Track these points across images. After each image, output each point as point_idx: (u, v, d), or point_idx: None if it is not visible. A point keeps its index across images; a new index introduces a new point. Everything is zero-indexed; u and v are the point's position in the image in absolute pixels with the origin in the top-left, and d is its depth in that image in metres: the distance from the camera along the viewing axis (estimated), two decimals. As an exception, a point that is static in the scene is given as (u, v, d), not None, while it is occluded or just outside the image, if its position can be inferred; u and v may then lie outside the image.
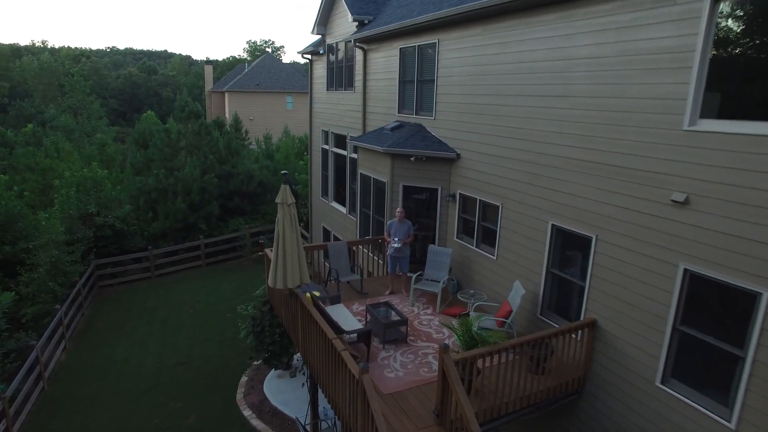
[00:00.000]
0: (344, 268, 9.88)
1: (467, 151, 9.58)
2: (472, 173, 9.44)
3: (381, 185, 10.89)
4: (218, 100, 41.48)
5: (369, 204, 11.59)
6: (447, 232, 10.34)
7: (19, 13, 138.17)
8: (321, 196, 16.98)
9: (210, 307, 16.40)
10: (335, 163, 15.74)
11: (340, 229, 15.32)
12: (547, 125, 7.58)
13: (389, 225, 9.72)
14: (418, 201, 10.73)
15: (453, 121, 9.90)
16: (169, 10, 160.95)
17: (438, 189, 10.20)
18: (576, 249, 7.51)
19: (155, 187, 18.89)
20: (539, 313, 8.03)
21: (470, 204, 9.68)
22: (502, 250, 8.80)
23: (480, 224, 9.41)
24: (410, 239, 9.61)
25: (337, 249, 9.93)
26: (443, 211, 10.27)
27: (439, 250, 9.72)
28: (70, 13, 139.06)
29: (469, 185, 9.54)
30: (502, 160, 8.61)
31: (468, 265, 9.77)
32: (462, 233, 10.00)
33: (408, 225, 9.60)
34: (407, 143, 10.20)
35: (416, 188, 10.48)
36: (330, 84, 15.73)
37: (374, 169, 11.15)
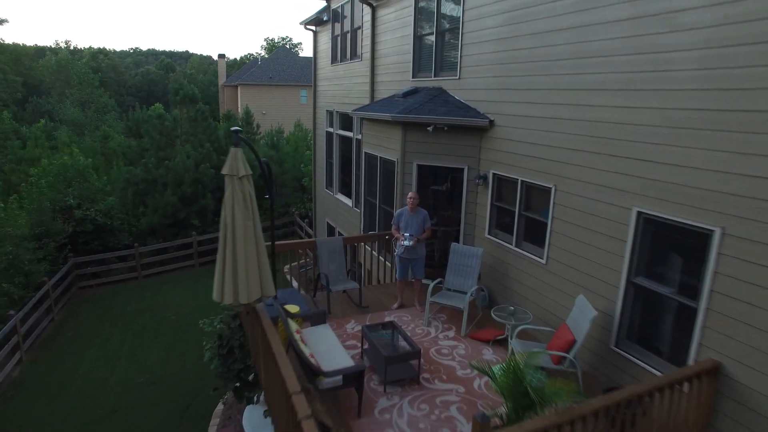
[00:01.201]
0: (337, 272, 7.33)
1: (504, 116, 6.93)
2: (511, 145, 6.78)
3: (390, 166, 8.32)
4: (231, 94, 39.46)
5: (375, 191, 9.02)
6: (475, 226, 7.69)
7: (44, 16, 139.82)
8: (325, 187, 14.48)
9: (196, 312, 13.96)
10: (341, 148, 13.22)
11: (345, 224, 12.77)
12: (638, 62, 4.91)
13: (398, 215, 7.14)
14: (438, 185, 8.12)
15: (484, 79, 7.26)
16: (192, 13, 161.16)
17: (464, 169, 7.57)
18: (680, 249, 4.81)
19: (143, 177, 16.67)
20: (613, 344, 5.34)
21: (508, 188, 7.03)
22: (556, 251, 6.13)
23: (522, 215, 6.75)
24: (426, 235, 7.02)
25: (328, 247, 7.39)
26: (470, 198, 7.63)
27: (465, 251, 7.09)
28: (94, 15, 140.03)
29: (507, 162, 6.89)
30: (557, 123, 5.95)
31: (504, 272, 7.11)
32: (496, 228, 7.35)
33: (423, 216, 7.01)
34: (423, 109, 7.60)
35: (435, 168, 7.87)
36: (334, 56, 13.22)
37: (381, 145, 8.58)
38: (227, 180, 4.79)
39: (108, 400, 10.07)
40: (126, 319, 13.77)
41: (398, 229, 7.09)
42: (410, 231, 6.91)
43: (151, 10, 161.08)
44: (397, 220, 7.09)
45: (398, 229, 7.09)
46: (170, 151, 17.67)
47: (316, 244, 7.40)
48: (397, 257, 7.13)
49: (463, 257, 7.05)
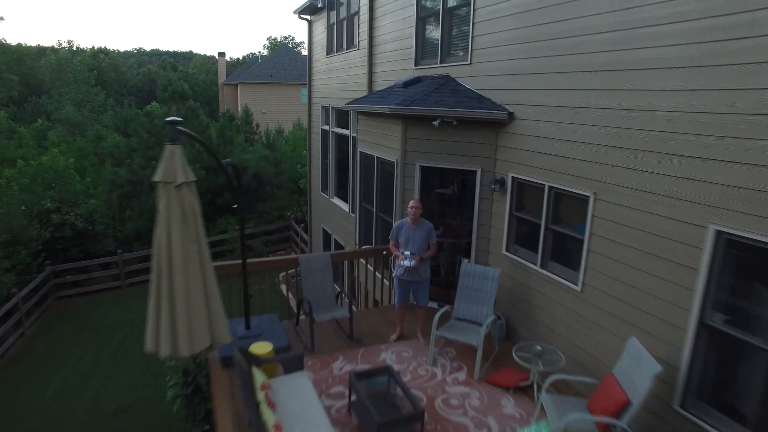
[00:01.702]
0: (324, 297, 6.03)
1: (526, 107, 5.61)
2: (536, 143, 5.46)
3: (389, 168, 7.02)
4: (231, 93, 38.27)
5: (372, 198, 7.73)
6: (490, 240, 6.38)
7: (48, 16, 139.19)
8: (321, 190, 13.19)
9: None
10: (337, 147, 11.93)
11: (342, 231, 11.48)
12: (717, 27, 3.59)
13: (397, 229, 5.83)
14: (445, 191, 6.82)
15: (500, 63, 5.95)
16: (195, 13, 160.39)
17: (476, 171, 6.26)
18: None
19: (129, 179, 15.46)
20: (677, 403, 4.02)
21: (531, 195, 5.71)
22: (594, 276, 4.81)
23: (549, 229, 5.42)
24: (431, 252, 5.72)
25: (313, 266, 6.09)
26: (484, 206, 6.32)
27: (478, 272, 5.77)
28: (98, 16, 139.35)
29: (529, 163, 5.57)
30: (595, 115, 4.63)
31: (525, 297, 5.79)
32: (515, 243, 6.03)
33: (427, 229, 5.70)
34: (428, 100, 6.29)
35: (441, 171, 6.57)
36: (330, 47, 11.93)
37: (378, 144, 7.28)
38: (161, 189, 3.52)
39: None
40: (104, 334, 12.54)
41: (397, 245, 5.79)
42: (411, 248, 5.61)
43: (155, 11, 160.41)
44: (396, 235, 5.79)
45: (397, 245, 5.79)
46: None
47: (298, 262, 6.10)
48: (396, 279, 5.83)
49: (475, 280, 5.74)
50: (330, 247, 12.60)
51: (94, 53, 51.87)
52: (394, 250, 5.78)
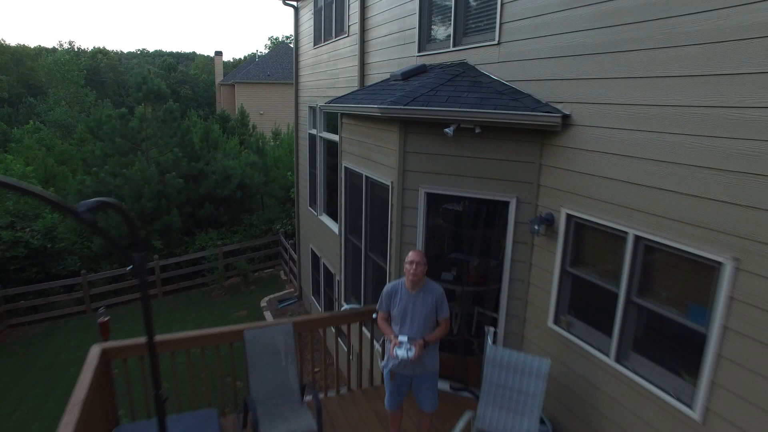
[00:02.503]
0: (281, 393, 3.95)
1: (594, 108, 3.47)
2: (613, 165, 3.34)
3: (382, 192, 4.94)
4: (228, 93, 36.27)
5: (359, 229, 5.65)
6: (528, 304, 4.26)
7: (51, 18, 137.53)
8: (309, 205, 11.13)
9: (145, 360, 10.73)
10: (326, 155, 9.88)
11: (331, 255, 9.41)
12: None
13: (387, 295, 3.68)
14: (460, 229, 4.73)
15: (548, 42, 3.83)
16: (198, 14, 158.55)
17: (509, 203, 4.16)
18: None
19: (95, 189, 13.46)
20: None
21: (601, 245, 3.59)
22: (731, 402, 2.68)
23: (633, 304, 3.31)
24: (441, 333, 3.62)
25: (264, 344, 4.00)
26: (520, 254, 4.21)
27: (514, 362, 3.66)
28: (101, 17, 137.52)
29: (600, 196, 3.45)
30: (741, 123, 2.53)
31: (587, 398, 3.66)
32: (570, 313, 3.92)
33: (435, 297, 3.58)
34: (437, 95, 4.20)
35: (457, 201, 4.49)
36: (318, 36, 9.85)
37: (368, 158, 5.20)
38: None
39: None
40: (54, 373, 10.53)
41: (388, 320, 3.70)
42: (411, 329, 3.52)
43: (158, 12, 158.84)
44: (386, 305, 3.69)
45: (388, 319, 3.70)
46: (133, 157, 14.44)
47: (245, 339, 4.02)
48: (386, 371, 3.74)
49: (510, 374, 3.64)
50: (319, 272, 10.55)
51: (93, 53, 50.12)
52: (384, 329, 3.69)
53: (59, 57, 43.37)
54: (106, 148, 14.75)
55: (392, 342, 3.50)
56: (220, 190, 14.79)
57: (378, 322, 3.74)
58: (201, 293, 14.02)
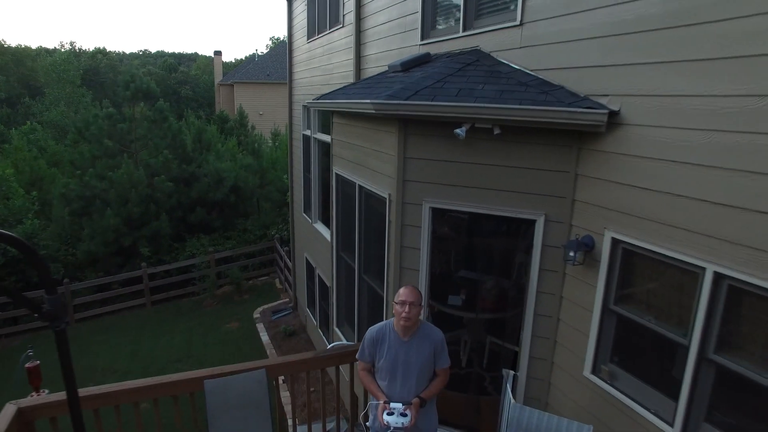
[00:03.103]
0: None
1: (652, 102, 2.64)
2: (682, 176, 2.52)
3: (378, 204, 4.11)
4: (227, 93, 35.46)
5: (352, 246, 4.82)
6: (557, 345, 3.42)
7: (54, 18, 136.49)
8: (303, 211, 10.30)
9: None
10: (320, 158, 9.05)
11: (326, 266, 8.57)
12: None
13: (371, 341, 2.83)
14: (473, 251, 3.90)
15: (587, 19, 3.01)
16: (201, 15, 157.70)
17: (536, 222, 3.33)
18: None
19: (80, 193, 12.66)
20: None
21: (661, 279, 2.74)
22: None
23: (709, 362, 2.48)
24: (439, 385, 2.80)
25: (228, 399, 3.18)
26: (548, 284, 3.37)
27: (545, 425, 2.83)
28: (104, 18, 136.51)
29: (660, 217, 2.60)
30: None
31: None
32: (615, 362, 3.07)
33: (433, 341, 2.76)
34: (443, 89, 3.37)
35: (469, 219, 3.65)
36: (311, 29, 9.03)
37: (362, 164, 4.37)
38: None
39: None
40: (23, 396, 9.71)
41: (371, 371, 2.87)
42: (404, 387, 2.70)
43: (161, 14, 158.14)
44: (370, 354, 2.84)
45: (372, 370, 2.87)
46: (120, 159, 13.63)
47: (205, 389, 3.19)
48: (373, 429, 2.91)
49: (542, 445, 2.81)
50: (314, 283, 9.72)
51: (93, 54, 49.45)
52: (367, 385, 2.85)
53: (58, 57, 42.73)
54: (93, 149, 13.97)
55: (380, 407, 2.66)
56: (212, 193, 13.97)
57: (359, 375, 2.91)
58: (191, 303, 13.19)
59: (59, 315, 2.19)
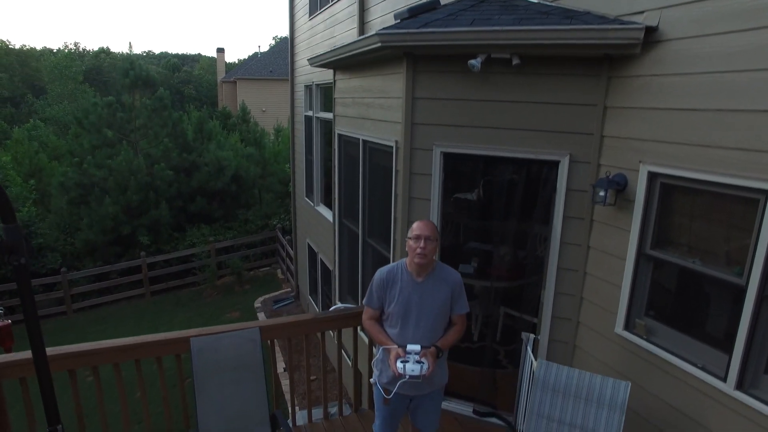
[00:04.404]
0: (239, 428, 2.82)
1: (704, 7, 2.33)
2: (735, 88, 2.18)
3: (383, 158, 3.79)
4: (230, 90, 35.28)
5: (356, 210, 4.50)
6: (584, 301, 3.09)
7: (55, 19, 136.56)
8: (305, 195, 10.00)
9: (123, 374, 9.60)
10: (323, 138, 8.76)
11: (328, 250, 8.26)
12: None
13: (382, 282, 2.47)
14: (489, 204, 3.55)
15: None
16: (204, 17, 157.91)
17: (559, 164, 3.00)
18: None
19: (78, 181, 12.40)
20: None
21: (708, 214, 2.41)
22: None
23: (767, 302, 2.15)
24: (456, 335, 2.46)
25: (218, 360, 2.86)
26: (572, 233, 3.04)
27: (576, 382, 2.50)
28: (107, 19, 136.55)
29: (713, 139, 2.25)
30: None
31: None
32: (651, 315, 2.74)
33: (451, 284, 2.42)
34: (456, 21, 3.06)
35: (484, 163, 3.31)
36: (314, 4, 8.74)
37: (365, 116, 4.05)
38: None
39: None
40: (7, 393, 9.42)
41: (379, 321, 2.56)
42: (416, 333, 2.36)
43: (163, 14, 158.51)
44: (379, 298, 2.49)
45: (379, 318, 2.56)
46: (120, 149, 13.36)
47: (191, 348, 2.88)
48: (378, 387, 2.57)
49: (570, 402, 2.47)
50: (316, 269, 9.42)
51: (96, 54, 49.45)
52: (374, 334, 2.52)
53: (60, 55, 42.71)
54: (93, 139, 13.70)
55: (392, 353, 2.32)
56: (213, 182, 13.68)
57: (364, 324, 2.57)
58: (191, 293, 12.89)
59: (18, 248, 1.87)
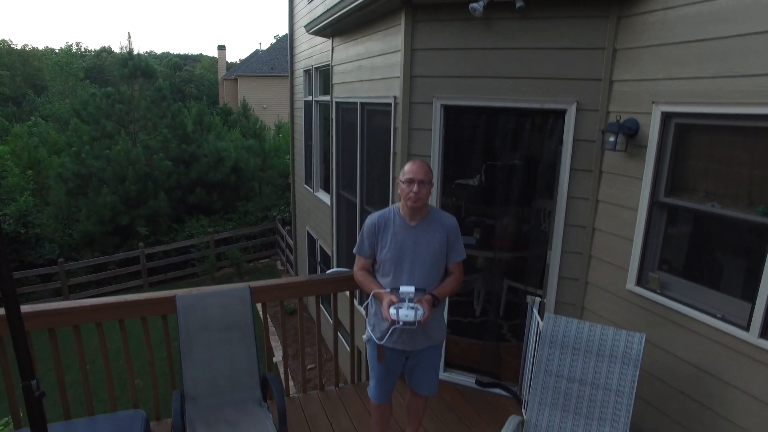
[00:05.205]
0: (231, 387, 2.67)
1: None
2: None
3: (381, 118, 3.64)
4: (231, 88, 35.19)
5: (353, 179, 4.35)
6: (592, 258, 2.93)
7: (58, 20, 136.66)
8: (305, 182, 9.86)
9: (117, 362, 9.46)
10: (322, 122, 8.61)
11: (327, 235, 8.11)
12: None
13: (372, 228, 2.32)
14: (492, 158, 3.39)
15: None
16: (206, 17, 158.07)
17: (565, 113, 2.84)
18: None
19: (76, 172, 12.27)
20: None
21: (729, 153, 2.24)
22: None
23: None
24: (453, 284, 2.29)
25: (205, 320, 2.71)
26: (579, 186, 2.88)
27: (586, 335, 2.33)
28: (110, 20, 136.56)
29: (741, 67, 2.12)
30: None
31: (707, 401, 2.32)
32: (665, 268, 2.57)
33: (446, 228, 2.27)
34: (459, -41, 2.91)
35: (486, 115, 3.14)
36: (313, -14, 8.62)
37: (363, 78, 3.90)
38: None
39: None
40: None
41: (372, 268, 2.40)
42: (411, 279, 2.21)
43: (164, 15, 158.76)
44: (371, 244, 2.34)
45: (371, 269, 2.40)
46: (118, 139, 13.23)
47: (177, 306, 2.73)
48: (371, 343, 2.42)
49: (580, 358, 2.31)
50: (315, 257, 9.27)
51: (98, 53, 49.49)
52: (365, 284, 2.36)
53: (61, 53, 42.73)
54: (91, 130, 13.58)
55: (385, 299, 2.16)
56: (212, 173, 13.54)
57: (356, 275, 2.41)
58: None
59: None
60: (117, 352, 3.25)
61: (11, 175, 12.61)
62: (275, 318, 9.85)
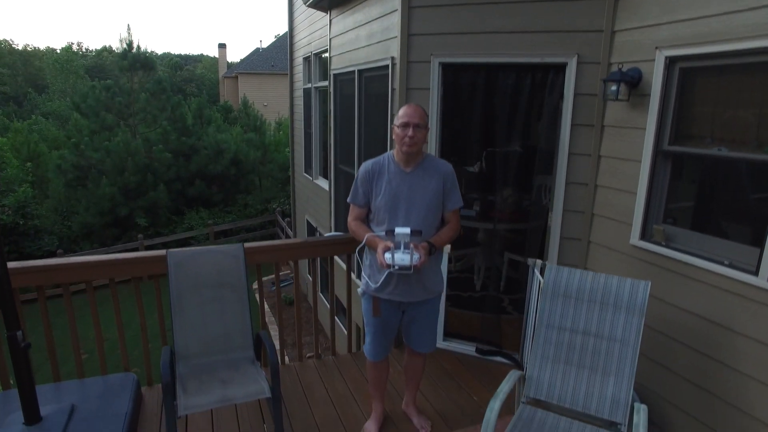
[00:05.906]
0: (225, 347, 2.60)
1: None
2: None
3: (378, 85, 3.57)
4: (232, 86, 35.16)
5: (352, 151, 4.28)
6: (594, 216, 2.85)
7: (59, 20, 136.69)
8: (304, 171, 9.80)
9: (113, 352, 9.40)
10: (321, 108, 8.55)
11: (326, 221, 8.05)
12: None
13: (367, 175, 2.23)
14: (492, 116, 3.30)
15: None
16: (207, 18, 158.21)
17: (566, 66, 2.76)
18: None
19: (75, 163, 12.23)
20: None
21: (739, 94, 2.18)
22: None
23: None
24: (451, 233, 2.21)
25: (197, 277, 2.66)
26: (580, 141, 2.80)
27: (589, 285, 2.26)
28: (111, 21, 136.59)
29: (750, 1, 2.05)
30: None
31: (714, 352, 2.25)
32: (670, 221, 2.50)
33: (442, 174, 2.19)
34: None
35: (486, 72, 3.05)
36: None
37: (360, 45, 3.83)
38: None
39: None
40: None
41: (366, 217, 2.32)
42: (406, 218, 2.14)
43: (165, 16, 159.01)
44: (365, 192, 2.26)
45: (366, 215, 2.32)
46: (118, 131, 13.19)
47: (167, 261, 2.66)
48: (367, 296, 2.34)
49: (583, 308, 2.23)
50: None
51: (99, 52, 49.54)
52: (359, 233, 2.27)
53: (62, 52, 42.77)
54: (91, 123, 13.54)
55: (380, 245, 2.08)
56: (212, 166, 13.49)
57: (350, 225, 2.33)
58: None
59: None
60: (110, 319, 3.19)
61: (10, 167, 12.57)
62: (273, 309, 9.79)
